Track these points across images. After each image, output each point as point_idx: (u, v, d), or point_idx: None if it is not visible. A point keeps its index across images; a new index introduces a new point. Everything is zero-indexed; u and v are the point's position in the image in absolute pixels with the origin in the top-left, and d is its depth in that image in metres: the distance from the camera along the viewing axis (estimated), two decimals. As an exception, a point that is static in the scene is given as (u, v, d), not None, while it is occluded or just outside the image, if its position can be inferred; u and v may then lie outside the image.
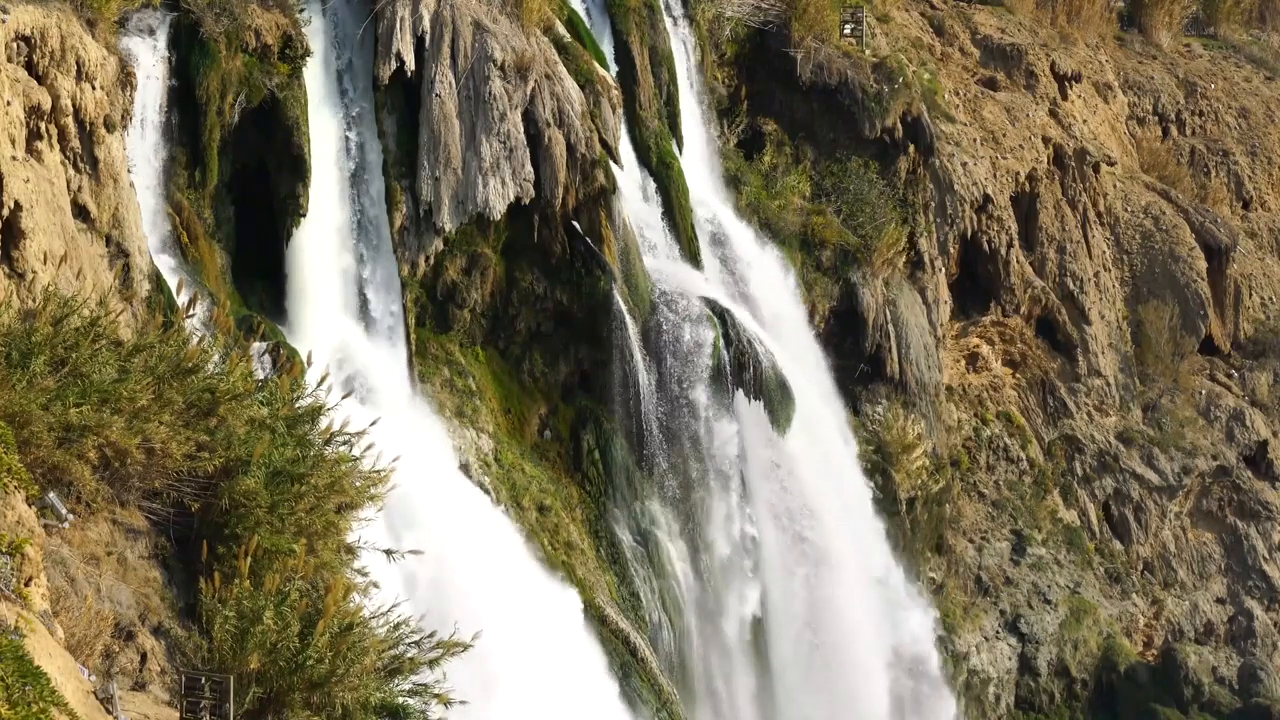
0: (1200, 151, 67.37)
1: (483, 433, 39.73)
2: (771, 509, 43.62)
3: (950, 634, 50.35)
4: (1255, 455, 59.90)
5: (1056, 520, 55.54)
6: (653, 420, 41.51)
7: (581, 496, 41.27)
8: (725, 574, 42.70)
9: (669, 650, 41.21)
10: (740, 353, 42.57)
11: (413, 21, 38.54)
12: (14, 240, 27.22)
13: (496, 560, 35.42)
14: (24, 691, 13.78)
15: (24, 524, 16.74)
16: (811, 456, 44.63)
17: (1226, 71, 71.26)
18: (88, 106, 30.35)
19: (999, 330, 56.32)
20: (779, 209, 48.96)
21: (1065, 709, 53.14)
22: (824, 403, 46.56)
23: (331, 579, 20.01)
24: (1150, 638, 56.14)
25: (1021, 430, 56.15)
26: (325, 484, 20.82)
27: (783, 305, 47.13)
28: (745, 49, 50.86)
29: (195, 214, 35.27)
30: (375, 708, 19.11)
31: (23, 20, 28.91)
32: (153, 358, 20.67)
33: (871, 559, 46.35)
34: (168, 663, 18.81)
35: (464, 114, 39.09)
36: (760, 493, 43.34)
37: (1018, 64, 60.77)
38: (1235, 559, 58.44)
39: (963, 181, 53.78)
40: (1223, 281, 61.71)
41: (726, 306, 43.36)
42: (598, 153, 40.62)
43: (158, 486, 20.43)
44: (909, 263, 51.34)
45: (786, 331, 46.03)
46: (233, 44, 35.23)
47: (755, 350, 42.77)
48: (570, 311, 41.29)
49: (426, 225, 38.94)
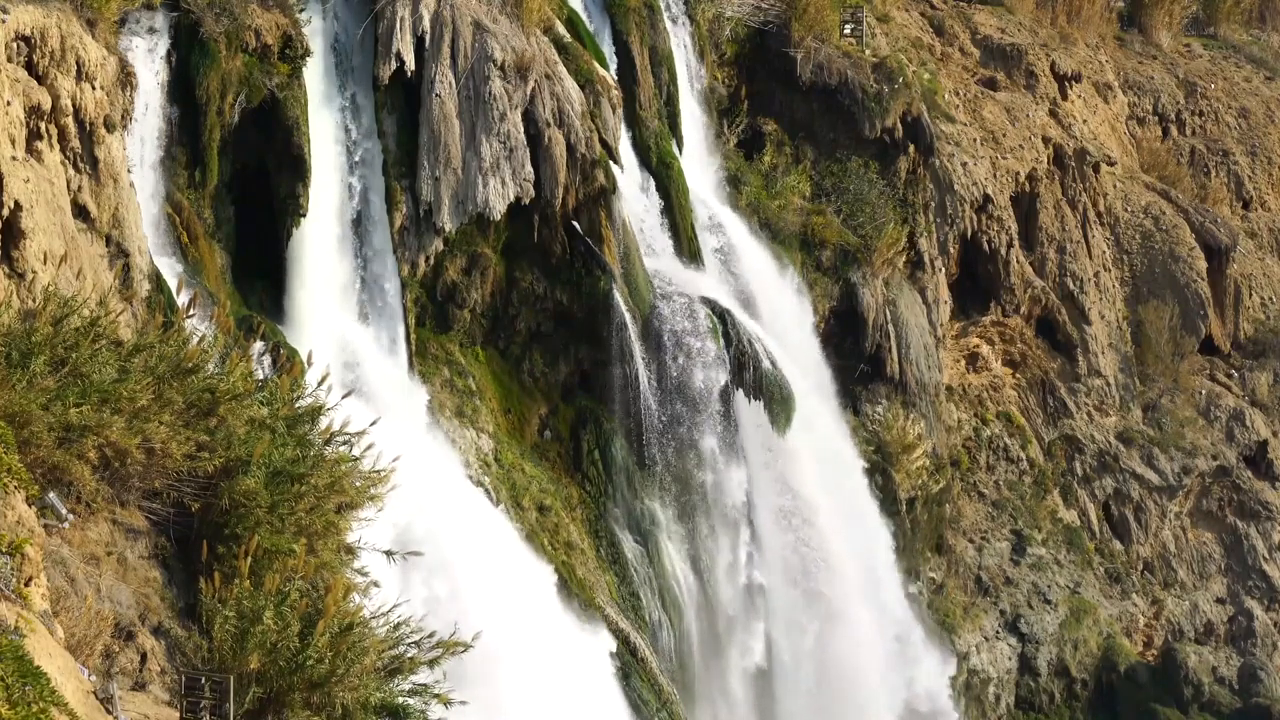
0: (1200, 151, 67.38)
1: (483, 433, 39.73)
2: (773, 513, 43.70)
3: (950, 634, 50.36)
4: (1255, 455, 59.90)
5: (1056, 520, 55.55)
6: (653, 420, 41.52)
7: (581, 496, 41.27)
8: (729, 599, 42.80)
9: (669, 650, 41.22)
10: (740, 353, 42.58)
11: (413, 21, 38.54)
12: (14, 240, 27.21)
13: (522, 604, 35.09)
14: (24, 691, 13.78)
15: (24, 524, 16.74)
16: (811, 457, 44.63)
17: (1226, 71, 71.27)
18: (88, 106, 30.34)
19: (999, 330, 56.33)
20: (779, 209, 48.96)
21: (1065, 709, 53.15)
22: (823, 403, 46.56)
23: (331, 579, 20.01)
24: (1150, 638, 56.14)
25: (1021, 430, 56.16)
26: (325, 484, 20.82)
27: (783, 305, 47.12)
28: (745, 49, 50.87)
29: (195, 214, 35.26)
30: (375, 708, 19.11)
31: (23, 20, 28.91)
32: (153, 358, 20.67)
33: (875, 559, 46.44)
34: (168, 663, 18.81)
35: (464, 114, 39.09)
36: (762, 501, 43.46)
37: (1018, 64, 60.78)
38: (1235, 559, 58.45)
39: (963, 181, 53.78)
40: (1223, 281, 61.72)
41: (726, 306, 43.36)
42: (598, 153, 40.63)
43: (158, 486, 20.43)
44: (909, 263, 51.34)
45: (786, 331, 46.01)
46: (233, 44, 35.23)
47: (755, 350, 42.78)
48: (570, 311, 41.29)
49: (426, 225, 38.94)
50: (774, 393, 43.04)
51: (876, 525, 47.13)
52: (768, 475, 43.70)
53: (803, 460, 44.38)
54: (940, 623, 50.05)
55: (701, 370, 41.93)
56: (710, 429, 42.16)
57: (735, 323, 42.93)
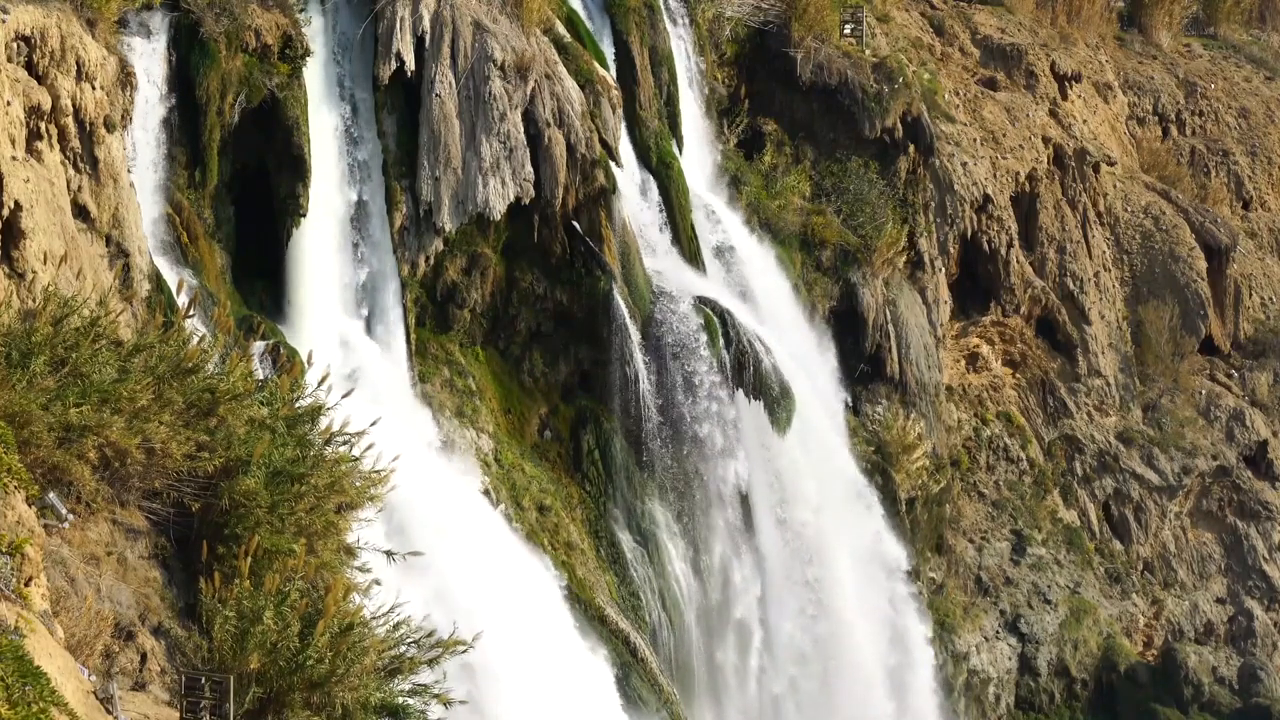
0: (1200, 151, 67.38)
1: (483, 433, 39.73)
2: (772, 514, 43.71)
3: (950, 634, 50.36)
4: (1255, 455, 59.90)
5: (1056, 520, 55.54)
6: (653, 420, 41.52)
7: (581, 496, 41.27)
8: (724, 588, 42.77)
9: (669, 650, 41.23)
10: (740, 353, 42.58)
11: (413, 21, 38.54)
12: (14, 240, 27.21)
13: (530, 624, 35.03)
14: (24, 691, 13.78)
15: (24, 524, 16.74)
16: (811, 456, 44.64)
17: (1226, 71, 71.27)
18: (88, 106, 30.34)
19: (999, 330, 56.33)
20: (779, 209, 48.96)
21: (1065, 709, 53.14)
22: (822, 402, 46.55)
23: (331, 579, 20.02)
24: (1150, 638, 56.14)
25: (1021, 430, 56.15)
26: (325, 484, 20.84)
27: (782, 305, 47.12)
28: (745, 49, 50.86)
29: (195, 214, 35.25)
30: (375, 708, 19.13)
31: (23, 20, 28.90)
32: (153, 358, 20.69)
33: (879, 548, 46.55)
34: (168, 663, 18.82)
35: (464, 114, 39.09)
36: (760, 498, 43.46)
37: (1018, 64, 60.78)
38: (1235, 559, 58.45)
39: (963, 181, 53.78)
40: (1223, 281, 61.72)
41: (726, 306, 43.35)
42: (598, 153, 40.62)
43: (158, 486, 20.44)
44: (909, 263, 51.34)
45: (786, 331, 46.01)
46: (233, 44, 35.23)
47: (755, 350, 42.78)
48: (570, 311, 41.30)
49: (426, 225, 38.93)
50: (774, 392, 43.04)
51: (876, 524, 47.13)
52: (768, 475, 43.70)
53: (802, 460, 44.39)
54: (940, 623, 50.04)
55: (701, 370, 41.95)
56: (710, 429, 42.16)
57: (735, 322, 42.93)
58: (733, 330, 42.71)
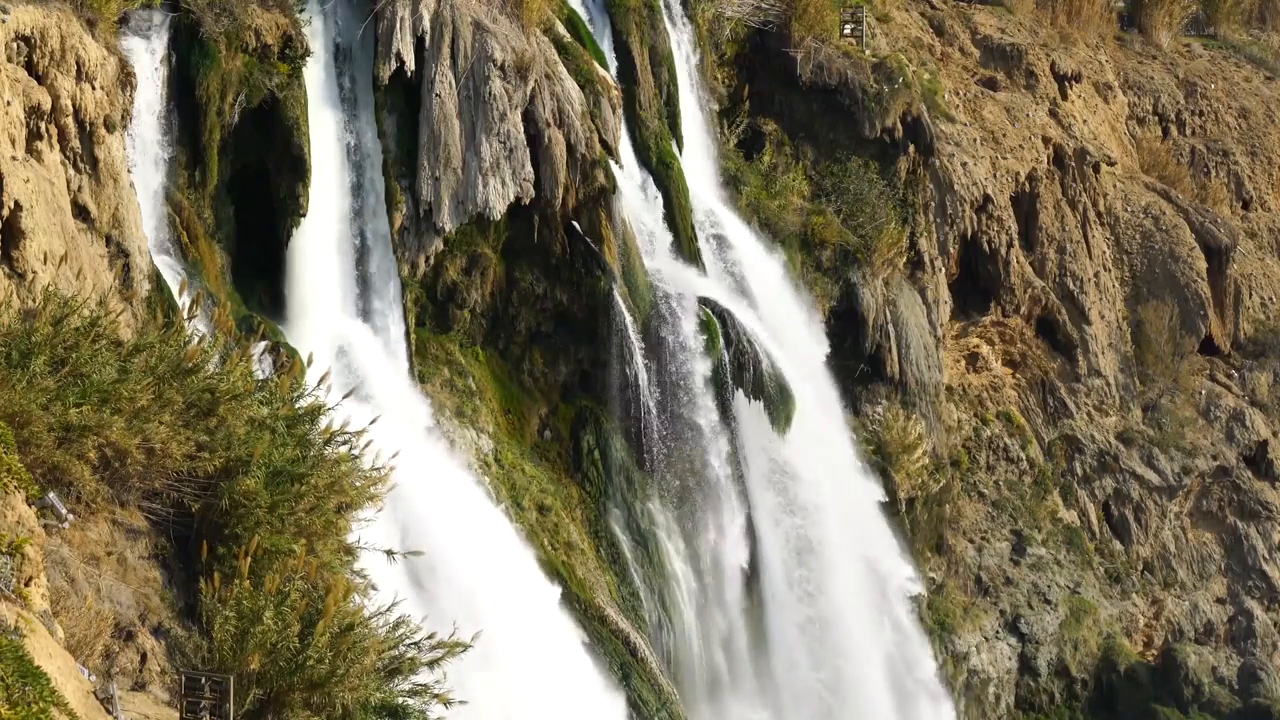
0: (1200, 151, 67.37)
1: (483, 433, 39.74)
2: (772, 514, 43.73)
3: (950, 634, 50.36)
4: (1255, 455, 59.90)
5: (1056, 520, 55.54)
6: (653, 420, 41.52)
7: (581, 496, 41.28)
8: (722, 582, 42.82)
9: (669, 650, 41.23)
10: (740, 353, 42.59)
11: (413, 21, 38.54)
12: (14, 240, 27.21)
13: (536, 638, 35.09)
14: (24, 691, 13.78)
15: (24, 524, 16.74)
16: (810, 456, 44.64)
17: (1226, 71, 71.26)
18: (88, 106, 30.34)
19: (999, 330, 56.33)
20: (779, 209, 48.95)
21: (1065, 709, 53.14)
22: (822, 403, 46.55)
23: (331, 579, 20.01)
24: (1150, 638, 56.14)
25: (1021, 430, 56.15)
26: (325, 484, 20.83)
27: (782, 305, 47.11)
28: (745, 49, 50.87)
29: (195, 214, 35.26)
30: (375, 708, 19.12)
31: (23, 20, 28.90)
32: (153, 358, 20.69)
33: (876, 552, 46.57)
34: (168, 663, 18.82)
35: (464, 114, 39.10)
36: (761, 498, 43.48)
37: (1018, 64, 60.78)
38: (1235, 559, 58.45)
39: (963, 181, 53.77)
40: (1223, 281, 61.70)
41: (726, 306, 43.36)
42: (598, 153, 40.63)
43: (158, 486, 20.44)
44: (909, 263, 51.33)
45: (785, 331, 46.01)
46: (233, 44, 35.23)
47: (755, 350, 42.79)
48: (570, 311, 41.31)
49: (426, 225, 38.94)
50: (773, 392, 43.05)
51: (876, 523, 47.14)
52: (767, 474, 43.71)
53: (802, 459, 44.38)
54: (940, 623, 50.04)
55: (701, 370, 41.96)
56: (710, 428, 42.17)
57: (734, 322, 42.95)
58: (732, 330, 42.73)
